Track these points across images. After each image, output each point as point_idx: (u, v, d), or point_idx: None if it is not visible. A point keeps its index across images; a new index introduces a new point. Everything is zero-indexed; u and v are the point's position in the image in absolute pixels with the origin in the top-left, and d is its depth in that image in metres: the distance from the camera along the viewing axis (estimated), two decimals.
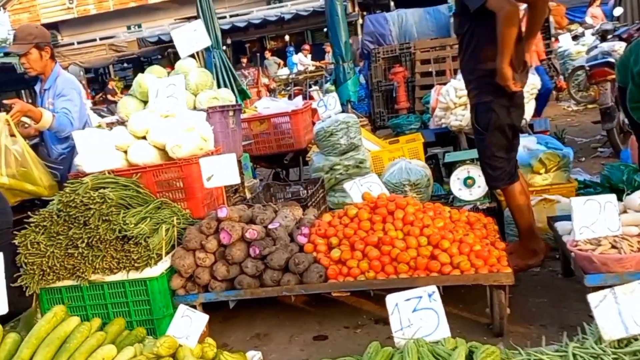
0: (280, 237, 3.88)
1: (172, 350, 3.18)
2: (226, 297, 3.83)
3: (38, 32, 4.83)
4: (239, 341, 3.91)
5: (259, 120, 6.98)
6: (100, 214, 3.71)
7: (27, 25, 5.04)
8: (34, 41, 4.76)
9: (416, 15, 10.63)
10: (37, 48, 4.78)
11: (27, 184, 4.41)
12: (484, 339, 3.38)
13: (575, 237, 3.35)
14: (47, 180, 4.50)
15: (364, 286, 3.67)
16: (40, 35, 4.82)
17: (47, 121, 4.59)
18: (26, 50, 4.75)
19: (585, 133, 8.94)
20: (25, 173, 4.38)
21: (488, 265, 3.51)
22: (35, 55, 4.78)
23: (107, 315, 3.77)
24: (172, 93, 4.42)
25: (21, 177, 4.37)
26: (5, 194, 4.25)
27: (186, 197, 4.27)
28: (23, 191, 4.45)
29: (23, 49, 4.76)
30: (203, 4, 8.16)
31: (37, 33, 4.82)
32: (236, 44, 23.45)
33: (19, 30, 4.95)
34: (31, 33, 4.79)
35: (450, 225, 3.86)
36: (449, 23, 10.15)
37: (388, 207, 3.91)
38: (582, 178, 5.61)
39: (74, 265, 3.75)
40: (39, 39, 4.79)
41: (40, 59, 4.81)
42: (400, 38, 10.49)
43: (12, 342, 3.15)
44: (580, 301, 3.62)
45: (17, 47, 4.82)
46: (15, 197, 4.44)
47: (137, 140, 4.37)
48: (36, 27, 4.95)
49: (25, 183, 4.40)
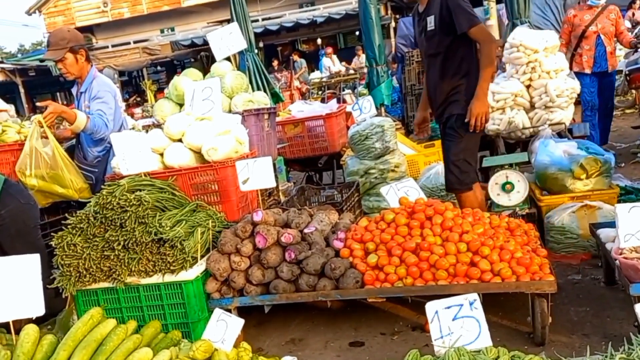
0: (316, 241, 3.84)
1: (208, 354, 3.17)
2: (261, 301, 3.80)
3: (71, 36, 4.79)
4: (274, 346, 3.88)
5: (293, 124, 6.98)
6: (136, 217, 3.72)
7: (59, 30, 4.96)
8: (68, 45, 4.71)
9: None
10: (71, 52, 4.74)
11: (57, 186, 4.41)
12: (525, 349, 3.30)
13: (620, 245, 3.25)
14: (78, 183, 4.49)
15: (402, 293, 3.61)
16: (73, 38, 4.78)
17: (82, 122, 4.58)
18: (61, 56, 4.72)
19: (624, 138, 8.75)
20: (55, 175, 4.39)
21: (530, 272, 3.43)
22: (70, 59, 4.75)
23: (142, 318, 3.76)
24: (208, 96, 4.42)
25: (51, 179, 4.38)
26: (36, 195, 4.30)
27: (221, 200, 4.26)
28: (53, 193, 4.45)
29: (58, 54, 4.72)
30: (237, 7, 8.20)
31: (70, 37, 4.77)
32: (268, 47, 23.56)
33: (52, 35, 4.87)
34: (64, 37, 4.74)
35: (490, 232, 3.78)
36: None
37: (426, 212, 3.85)
38: (623, 184, 5.47)
39: (110, 268, 3.76)
40: (73, 42, 4.75)
41: (76, 62, 4.79)
42: None
43: (48, 344, 3.15)
44: (624, 310, 3.53)
45: (52, 53, 4.77)
46: (46, 199, 4.47)
47: (173, 142, 4.37)
48: (68, 31, 4.90)
49: (55, 185, 4.40)
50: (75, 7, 26.94)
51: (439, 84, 4.44)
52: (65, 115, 4.56)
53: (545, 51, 5.77)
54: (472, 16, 4.24)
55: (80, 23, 26.61)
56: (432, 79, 4.52)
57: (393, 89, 10.74)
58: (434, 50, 4.41)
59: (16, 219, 3.90)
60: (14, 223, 3.89)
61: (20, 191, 4.06)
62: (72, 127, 4.62)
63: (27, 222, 3.99)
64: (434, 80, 4.49)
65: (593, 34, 7.32)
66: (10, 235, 3.86)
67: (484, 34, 4.24)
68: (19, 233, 3.90)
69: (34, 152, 4.32)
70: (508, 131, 5.76)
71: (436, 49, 4.39)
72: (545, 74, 5.77)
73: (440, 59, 4.37)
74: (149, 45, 23.92)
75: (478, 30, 4.20)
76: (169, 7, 25.96)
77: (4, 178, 3.95)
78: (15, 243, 3.84)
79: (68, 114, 4.56)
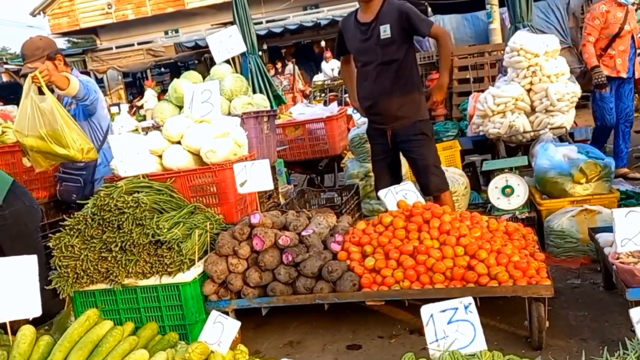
0: (314, 244, 3.85)
1: (204, 356, 3.17)
2: (259, 303, 3.81)
3: (44, 44, 4.59)
4: (271, 348, 3.88)
5: (294, 126, 6.99)
6: (134, 218, 3.73)
7: (31, 41, 4.62)
8: (44, 54, 4.50)
9: (454, 22, 10.55)
10: (49, 60, 4.51)
11: (57, 147, 4.04)
12: (522, 353, 3.29)
13: (617, 250, 3.24)
14: (82, 142, 4.13)
15: (399, 296, 3.61)
16: (47, 46, 4.58)
17: (75, 86, 4.32)
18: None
19: None
20: (55, 134, 4.03)
21: (527, 276, 3.42)
22: (50, 68, 4.42)
23: (139, 319, 3.77)
24: (207, 98, 4.43)
25: (51, 138, 4.02)
26: (36, 157, 4.06)
27: (219, 202, 4.26)
28: (54, 154, 4.09)
29: (37, 66, 4.35)
30: (239, 9, 8.22)
31: (44, 45, 4.57)
32: (272, 49, 23.60)
33: (25, 48, 4.57)
34: (38, 47, 4.53)
35: (488, 235, 3.78)
36: (487, 29, 10.03)
37: (424, 216, 3.85)
38: (624, 188, 5.47)
39: (107, 269, 3.77)
40: (48, 49, 4.55)
41: (55, 69, 4.51)
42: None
43: (45, 345, 3.16)
44: (622, 315, 3.52)
45: (30, 66, 4.44)
46: (47, 162, 4.16)
47: (171, 145, 4.38)
48: (40, 39, 4.68)
49: (55, 145, 4.04)
50: (80, 8, 27.12)
51: (389, 91, 4.58)
52: (55, 79, 4.21)
53: (545, 55, 5.77)
54: (427, 19, 4.67)
55: (85, 24, 26.81)
56: (379, 87, 4.62)
57: None
58: (389, 57, 4.55)
59: (19, 221, 3.91)
60: (16, 224, 3.89)
61: (25, 193, 4.07)
62: (64, 92, 4.34)
63: (28, 225, 3.99)
64: (382, 88, 4.61)
65: (628, 33, 6.54)
66: (10, 237, 3.87)
67: (440, 29, 4.64)
68: (19, 234, 3.90)
69: (32, 107, 4.00)
70: (509, 135, 5.75)
71: (392, 56, 4.54)
72: (546, 77, 5.77)
73: (396, 66, 4.55)
74: (152, 46, 24.02)
75: (435, 28, 4.52)
76: (173, 9, 26.11)
77: (12, 179, 3.96)
78: (15, 244, 3.83)
79: (58, 77, 4.25)
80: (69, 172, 4.68)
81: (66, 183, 4.73)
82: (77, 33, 29.04)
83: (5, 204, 3.81)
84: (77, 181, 4.58)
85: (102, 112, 4.81)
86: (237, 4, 8.24)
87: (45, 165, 4.16)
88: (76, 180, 4.63)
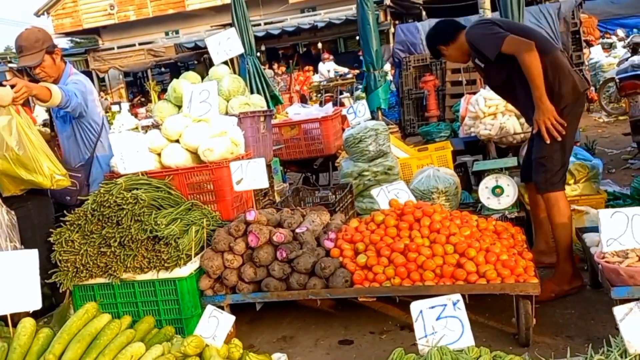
0: (307, 241, 3.93)
1: (199, 349, 3.22)
2: (253, 299, 3.89)
3: (43, 36, 4.40)
4: (265, 343, 3.96)
5: (290, 126, 7.06)
6: (132, 214, 3.81)
7: (30, 32, 4.40)
8: (44, 47, 4.33)
9: None
10: (48, 54, 4.37)
11: (23, 170, 3.69)
12: (510, 349, 3.37)
13: (603, 249, 3.32)
14: (52, 169, 3.80)
15: (389, 292, 3.69)
16: (46, 38, 4.42)
17: (57, 95, 4.09)
18: (40, 60, 4.34)
19: (616, 144, 8.84)
20: (21, 158, 3.67)
21: (515, 274, 3.50)
22: (49, 62, 4.39)
23: (137, 313, 3.84)
24: (205, 98, 4.50)
25: (15, 161, 3.65)
26: (3, 180, 3.75)
27: (216, 199, 4.34)
28: (20, 179, 3.73)
29: (36, 59, 4.33)
30: (238, 12, 8.28)
31: (43, 37, 4.39)
32: (270, 51, 23.70)
33: (23, 39, 4.34)
34: (38, 39, 4.33)
35: (477, 234, 3.86)
36: None
37: (415, 214, 3.93)
38: (612, 189, 5.55)
39: (106, 264, 3.85)
40: (47, 42, 4.39)
41: (54, 63, 4.42)
42: None
43: (44, 337, 3.21)
44: (608, 313, 3.55)
45: (28, 58, 4.32)
46: (15, 185, 3.79)
47: (170, 143, 4.46)
48: (39, 31, 4.46)
49: (21, 169, 3.68)
50: (83, 9, 27.36)
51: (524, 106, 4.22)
52: (37, 92, 3.95)
53: None
54: (493, 38, 3.97)
55: (88, 25, 26.98)
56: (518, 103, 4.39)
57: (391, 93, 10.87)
58: (493, 84, 4.44)
59: (40, 212, 4.02)
60: (38, 215, 3.99)
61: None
62: (48, 104, 4.12)
63: (48, 216, 4.09)
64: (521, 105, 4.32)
65: None
66: (32, 226, 3.95)
67: (512, 46, 3.89)
68: (40, 225, 3.99)
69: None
70: (499, 136, 5.84)
71: (494, 82, 4.37)
72: None
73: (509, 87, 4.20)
74: (153, 47, 24.11)
75: (506, 47, 3.89)
76: (174, 10, 26.32)
77: None
78: (36, 234, 3.93)
79: (39, 89, 3.98)
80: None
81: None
82: (80, 33, 29.17)
83: (27, 195, 3.91)
84: (72, 184, 4.18)
85: (95, 111, 4.59)
86: (235, 6, 8.30)
87: (14, 190, 3.81)
88: (72, 183, 4.19)
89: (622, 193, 5.34)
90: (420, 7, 22.11)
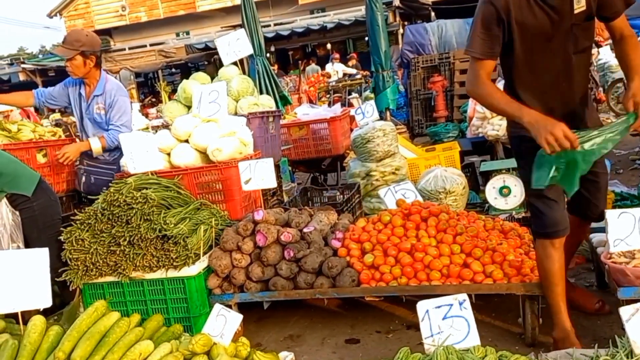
0: (315, 240, 3.95)
1: (207, 348, 3.24)
2: (260, 297, 3.92)
3: (86, 40, 4.84)
4: (272, 341, 3.99)
5: (298, 126, 7.09)
6: (142, 214, 3.84)
7: (78, 31, 5.05)
8: (80, 48, 4.78)
9: (456, 26, 10.65)
10: (82, 55, 4.81)
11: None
12: (515, 349, 3.37)
13: (609, 250, 3.30)
14: None
15: (396, 292, 3.71)
16: (88, 43, 4.84)
17: (98, 149, 4.82)
18: (71, 56, 4.80)
19: (624, 145, 8.76)
20: None
21: (521, 275, 3.52)
22: (79, 61, 4.82)
23: (146, 311, 3.88)
24: (215, 99, 4.53)
25: None
26: None
27: (225, 199, 4.37)
28: None
29: (68, 53, 4.80)
30: (248, 13, 8.32)
31: (85, 41, 4.82)
32: (280, 52, 23.76)
33: (69, 34, 4.96)
34: (79, 40, 4.81)
35: (484, 234, 3.88)
36: None
37: (422, 214, 3.95)
38: (619, 190, 5.53)
39: (115, 262, 3.88)
40: (86, 47, 4.81)
41: (83, 65, 4.85)
42: (440, 48, 10.53)
43: (54, 335, 3.24)
44: (615, 313, 3.57)
45: (63, 50, 4.84)
46: None
47: (179, 143, 4.50)
48: (86, 35, 4.94)
49: None
50: (95, 10, 27.69)
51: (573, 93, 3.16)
52: (76, 154, 4.89)
53: None
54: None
55: (99, 26, 27.22)
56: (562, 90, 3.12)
57: (399, 93, 10.87)
58: (585, 43, 3.05)
59: (45, 213, 4.05)
60: (43, 216, 4.03)
61: (49, 188, 4.24)
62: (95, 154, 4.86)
63: (54, 217, 4.13)
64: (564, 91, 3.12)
65: None
66: (38, 228, 4.00)
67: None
68: (45, 226, 4.03)
69: None
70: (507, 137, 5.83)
71: (588, 40, 3.06)
72: None
73: (586, 56, 3.13)
74: (164, 48, 24.28)
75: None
76: (185, 11, 26.54)
77: (39, 175, 4.12)
78: (42, 235, 3.97)
79: (75, 151, 4.87)
80: (96, 166, 4.89)
81: (96, 177, 4.92)
82: None
83: (33, 197, 3.96)
84: (109, 175, 4.69)
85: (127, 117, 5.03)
86: (245, 7, 8.33)
87: None
88: (109, 174, 4.73)
89: (630, 194, 5.32)
90: (429, 8, 22.09)
